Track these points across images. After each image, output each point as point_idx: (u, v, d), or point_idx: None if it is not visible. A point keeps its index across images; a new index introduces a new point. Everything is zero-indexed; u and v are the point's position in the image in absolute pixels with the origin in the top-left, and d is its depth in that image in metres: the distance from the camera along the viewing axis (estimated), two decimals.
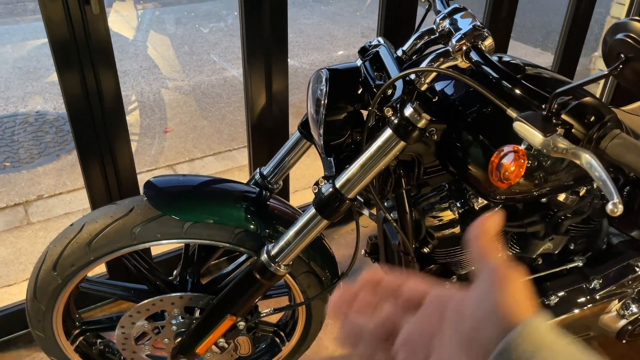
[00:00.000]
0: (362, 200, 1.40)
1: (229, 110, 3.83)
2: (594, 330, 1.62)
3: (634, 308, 1.54)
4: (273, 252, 1.22)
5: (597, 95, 3.02)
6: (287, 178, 2.20)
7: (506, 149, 0.90)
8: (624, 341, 1.59)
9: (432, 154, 1.24)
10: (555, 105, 0.87)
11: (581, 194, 1.34)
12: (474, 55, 1.03)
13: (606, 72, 0.84)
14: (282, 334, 1.56)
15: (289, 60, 2.03)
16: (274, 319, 1.56)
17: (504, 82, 1.06)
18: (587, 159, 0.80)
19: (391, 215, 1.35)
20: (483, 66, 1.05)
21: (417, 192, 1.42)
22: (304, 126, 1.36)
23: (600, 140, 0.85)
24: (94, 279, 1.44)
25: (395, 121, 1.06)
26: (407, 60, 1.24)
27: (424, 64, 1.06)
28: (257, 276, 1.23)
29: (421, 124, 1.04)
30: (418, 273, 1.40)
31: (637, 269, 1.51)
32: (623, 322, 1.56)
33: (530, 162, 0.90)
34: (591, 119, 0.86)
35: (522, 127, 0.86)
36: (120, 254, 1.26)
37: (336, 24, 5.69)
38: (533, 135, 0.85)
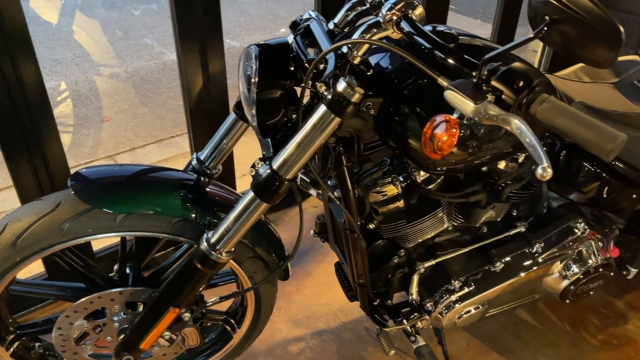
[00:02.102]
0: (309, 180, 1.37)
1: (171, 95, 3.70)
2: (539, 293, 1.67)
3: (575, 268, 1.59)
4: (213, 240, 1.17)
5: (535, 63, 3.08)
6: (232, 162, 2.14)
7: (438, 119, 0.89)
8: (567, 301, 1.65)
9: (371, 129, 1.22)
10: (485, 72, 0.86)
11: (520, 160, 1.35)
12: (405, 26, 1.01)
13: (532, 35, 0.83)
14: (233, 322, 1.53)
15: (230, 41, 1.96)
16: (224, 306, 1.52)
17: (436, 51, 1.05)
18: (517, 125, 0.79)
19: (335, 193, 1.32)
20: (415, 36, 1.03)
21: (360, 168, 1.40)
22: (239, 107, 1.31)
23: (529, 105, 0.85)
24: (25, 281, 1.36)
25: (329, 97, 1.02)
26: (339, 33, 1.20)
27: (355, 36, 1.03)
28: (199, 265, 1.18)
29: (355, 98, 1.01)
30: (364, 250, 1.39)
31: (576, 231, 1.56)
32: (565, 282, 1.61)
33: (462, 131, 0.89)
34: (520, 84, 0.85)
35: (453, 96, 0.85)
36: (50, 252, 1.19)
37: (278, 2, 5.59)
38: (464, 103, 0.83)
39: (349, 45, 1.04)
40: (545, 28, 0.81)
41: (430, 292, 1.53)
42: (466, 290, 1.50)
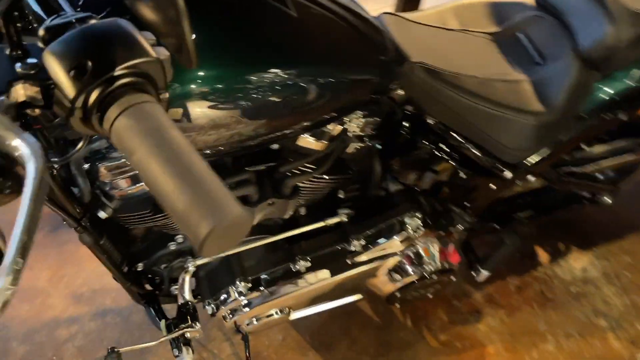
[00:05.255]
0: None
1: None
2: (363, 294, 1.34)
3: (402, 273, 1.26)
4: None
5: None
6: None
7: None
8: (396, 305, 1.33)
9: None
10: None
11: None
12: None
13: None
14: None
15: None
16: None
17: None
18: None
19: None
20: None
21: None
22: None
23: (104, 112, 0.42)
24: None
25: None
26: None
27: None
28: None
29: None
30: None
31: (408, 228, 1.20)
32: (391, 287, 1.29)
33: None
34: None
35: None
36: None
37: None
38: None
39: None
40: None
41: (212, 290, 1.17)
42: (255, 294, 1.15)
